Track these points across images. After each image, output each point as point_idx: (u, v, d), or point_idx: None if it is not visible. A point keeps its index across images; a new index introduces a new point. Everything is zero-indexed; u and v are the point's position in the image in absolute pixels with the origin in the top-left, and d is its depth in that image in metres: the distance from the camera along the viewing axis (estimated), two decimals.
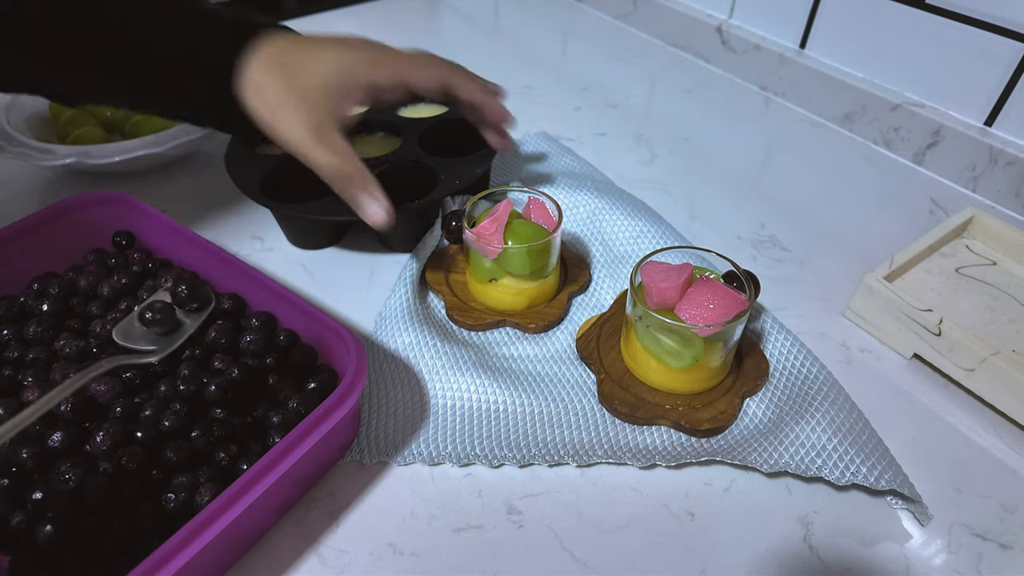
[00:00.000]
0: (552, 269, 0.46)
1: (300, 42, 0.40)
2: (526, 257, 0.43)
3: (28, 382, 0.38)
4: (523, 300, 0.46)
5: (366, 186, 0.39)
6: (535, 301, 0.46)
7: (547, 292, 0.47)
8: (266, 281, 0.41)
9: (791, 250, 0.54)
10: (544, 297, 0.47)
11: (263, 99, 0.38)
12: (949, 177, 0.62)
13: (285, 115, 0.38)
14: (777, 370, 0.43)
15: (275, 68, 0.38)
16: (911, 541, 0.36)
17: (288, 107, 0.38)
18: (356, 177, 0.39)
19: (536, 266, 0.44)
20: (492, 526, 0.36)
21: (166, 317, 0.35)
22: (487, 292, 0.46)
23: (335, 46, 0.40)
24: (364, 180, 0.39)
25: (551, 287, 0.47)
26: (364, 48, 0.41)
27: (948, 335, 0.42)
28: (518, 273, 0.44)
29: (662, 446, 0.40)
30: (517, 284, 0.45)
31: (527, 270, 0.44)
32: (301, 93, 0.38)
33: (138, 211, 0.47)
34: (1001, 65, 0.56)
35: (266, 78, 0.38)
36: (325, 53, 0.39)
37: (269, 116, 0.38)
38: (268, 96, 0.38)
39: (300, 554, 0.35)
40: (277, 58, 0.39)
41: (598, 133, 0.68)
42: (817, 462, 0.37)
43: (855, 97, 0.66)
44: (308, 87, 0.38)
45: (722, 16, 0.78)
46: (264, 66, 0.38)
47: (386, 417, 0.41)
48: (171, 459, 0.35)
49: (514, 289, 0.45)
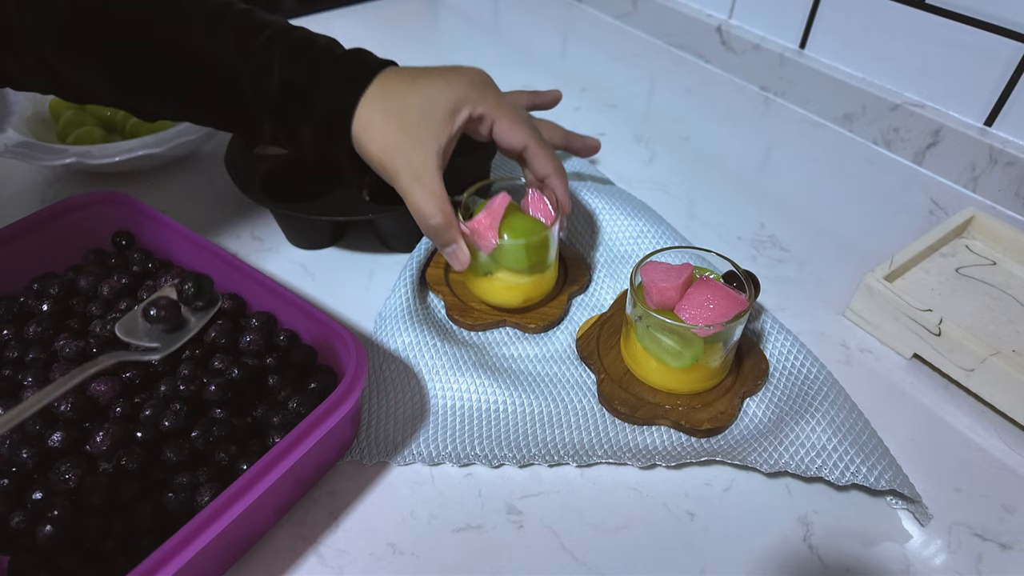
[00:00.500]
0: (550, 264, 0.45)
1: (409, 77, 0.40)
2: (522, 252, 0.42)
3: (28, 382, 0.38)
4: (519, 295, 0.45)
5: (456, 235, 0.40)
6: (531, 296, 0.45)
7: (544, 287, 0.46)
8: (266, 281, 0.41)
9: (791, 250, 0.54)
10: (541, 292, 0.46)
11: (373, 139, 0.38)
12: (949, 177, 0.62)
13: (392, 159, 0.38)
14: (777, 370, 0.43)
15: (387, 105, 0.39)
16: (911, 541, 0.36)
17: (398, 150, 0.38)
18: (451, 225, 0.40)
19: (533, 261, 0.43)
20: (492, 526, 0.36)
21: (171, 314, 0.34)
22: (483, 286, 0.45)
23: (444, 76, 0.40)
24: (455, 228, 0.40)
25: (549, 282, 0.46)
26: (473, 76, 0.41)
27: (948, 335, 0.42)
28: (514, 268, 0.43)
29: (662, 446, 0.40)
30: (513, 279, 0.44)
31: (523, 265, 0.43)
32: (410, 132, 0.38)
33: (138, 211, 0.47)
34: (1001, 65, 0.56)
35: (376, 116, 0.38)
36: (433, 85, 0.39)
37: (378, 157, 0.39)
38: (378, 137, 0.38)
39: (300, 554, 0.35)
40: (387, 96, 0.39)
41: (598, 133, 0.68)
42: (817, 462, 0.37)
43: (855, 97, 0.66)
44: (417, 124, 0.38)
45: (722, 16, 0.78)
46: (375, 104, 0.38)
47: (386, 417, 0.41)
48: (171, 459, 0.35)
49: (510, 284, 0.44)
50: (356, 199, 0.50)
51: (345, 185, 0.51)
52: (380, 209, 0.49)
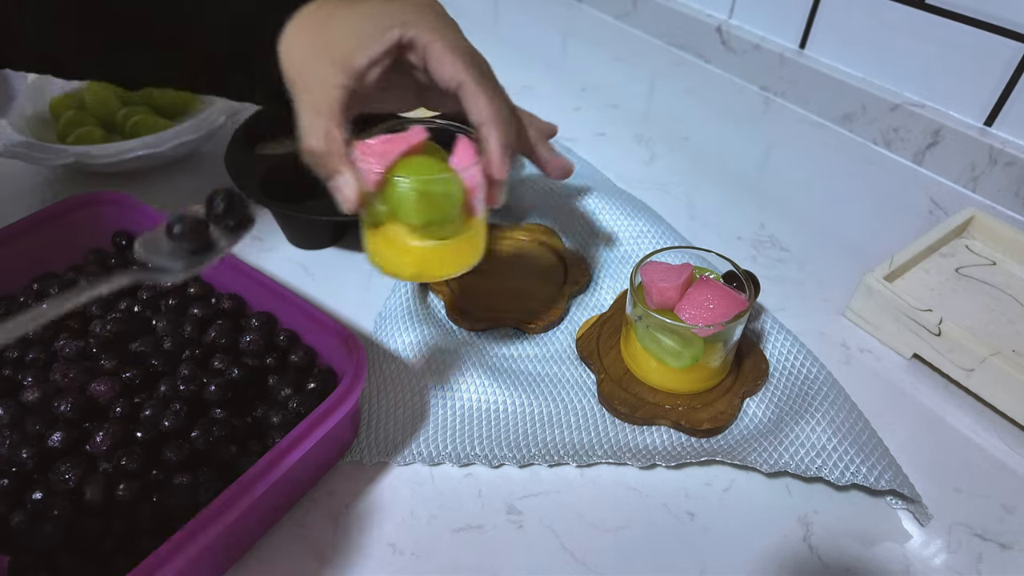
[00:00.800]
0: (461, 232, 0.34)
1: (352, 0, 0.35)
2: (413, 198, 0.32)
3: (28, 382, 0.38)
4: (411, 263, 0.34)
5: (341, 164, 0.33)
6: (425, 270, 0.35)
7: (448, 260, 0.35)
8: (266, 281, 0.41)
9: (791, 250, 0.54)
10: (442, 266, 0.35)
11: (288, 54, 0.34)
12: (949, 177, 0.62)
13: (298, 73, 0.34)
14: (777, 370, 0.43)
15: (313, 20, 0.35)
16: (911, 541, 0.36)
17: (306, 64, 0.34)
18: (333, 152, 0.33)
19: (427, 216, 0.33)
20: (492, 526, 0.36)
21: (196, 232, 0.29)
22: (371, 242, 0.35)
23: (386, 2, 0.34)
24: (339, 156, 0.33)
25: (457, 256, 0.35)
26: (420, 1, 0.35)
27: (948, 335, 0.42)
28: (407, 221, 0.33)
29: (662, 446, 0.40)
30: (404, 238, 0.34)
31: (415, 217, 0.33)
32: (326, 47, 0.33)
33: (138, 211, 0.47)
34: (1001, 65, 0.56)
35: (299, 32, 0.34)
36: (370, 5, 0.34)
37: (288, 73, 0.34)
38: (294, 51, 0.34)
39: (300, 554, 0.35)
40: (318, 12, 0.35)
41: (598, 133, 0.68)
42: (817, 462, 0.37)
43: (855, 97, 0.66)
44: (337, 40, 0.33)
45: (722, 16, 0.78)
46: (303, 20, 0.35)
47: (386, 417, 0.41)
48: (171, 459, 0.35)
49: (399, 244, 0.34)
50: None
51: None
52: None
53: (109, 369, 0.38)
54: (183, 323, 0.42)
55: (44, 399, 0.37)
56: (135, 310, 0.43)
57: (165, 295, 0.44)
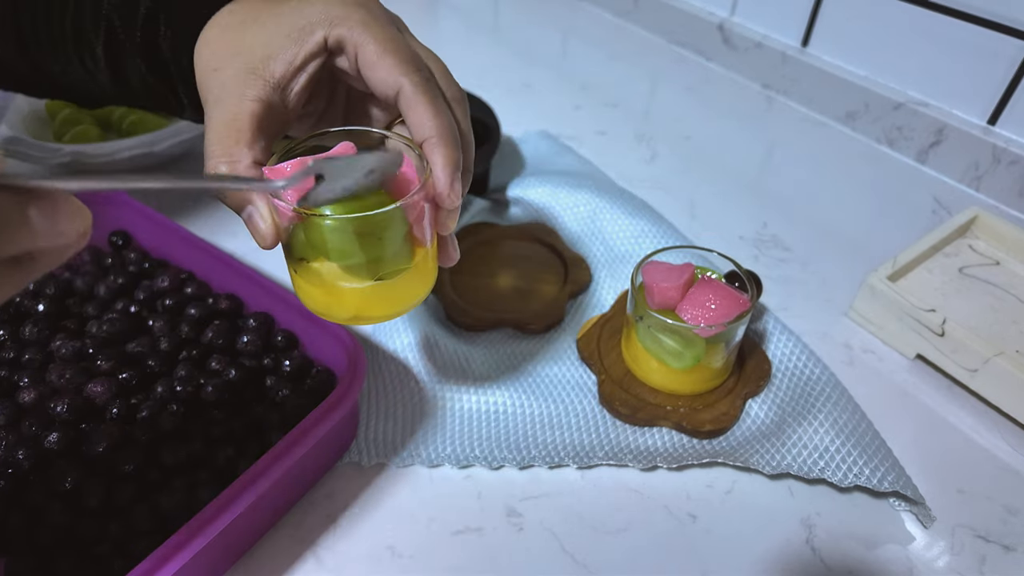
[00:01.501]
0: (401, 266, 0.28)
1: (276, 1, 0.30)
2: (340, 236, 0.26)
3: (24, 383, 0.38)
4: (346, 306, 0.29)
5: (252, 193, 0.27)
6: (366, 313, 0.29)
7: (394, 301, 0.29)
8: (264, 281, 0.41)
9: (793, 250, 0.54)
10: (387, 308, 0.29)
11: (201, 57, 0.30)
12: (952, 176, 0.61)
13: (208, 79, 0.29)
14: (779, 371, 0.42)
15: (232, 21, 0.30)
16: (914, 543, 0.36)
17: (219, 71, 0.29)
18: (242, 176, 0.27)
19: (362, 256, 0.27)
20: (492, 528, 0.36)
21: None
22: (296, 281, 0.29)
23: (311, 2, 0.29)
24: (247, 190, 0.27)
25: (402, 295, 0.29)
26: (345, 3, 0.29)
27: (951, 335, 0.42)
28: (338, 261, 0.27)
29: (663, 448, 0.39)
30: (334, 278, 0.28)
31: (345, 259, 0.27)
32: (242, 53, 0.29)
33: (134, 210, 0.47)
34: (1004, 64, 0.56)
35: (215, 33, 0.30)
36: (292, 5, 0.29)
37: (199, 78, 0.29)
38: (206, 54, 0.29)
39: (298, 556, 0.35)
40: (238, 13, 0.30)
41: (598, 132, 0.68)
42: (820, 464, 0.37)
43: (857, 96, 0.66)
44: (254, 44, 0.29)
45: (723, 14, 0.77)
46: (221, 21, 0.30)
47: (385, 418, 0.40)
48: (168, 461, 0.35)
49: (330, 285, 0.28)
50: None
51: None
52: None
53: (106, 370, 0.38)
54: (180, 323, 0.42)
55: (40, 400, 0.37)
56: (132, 311, 0.43)
57: (162, 295, 0.44)
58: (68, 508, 0.33)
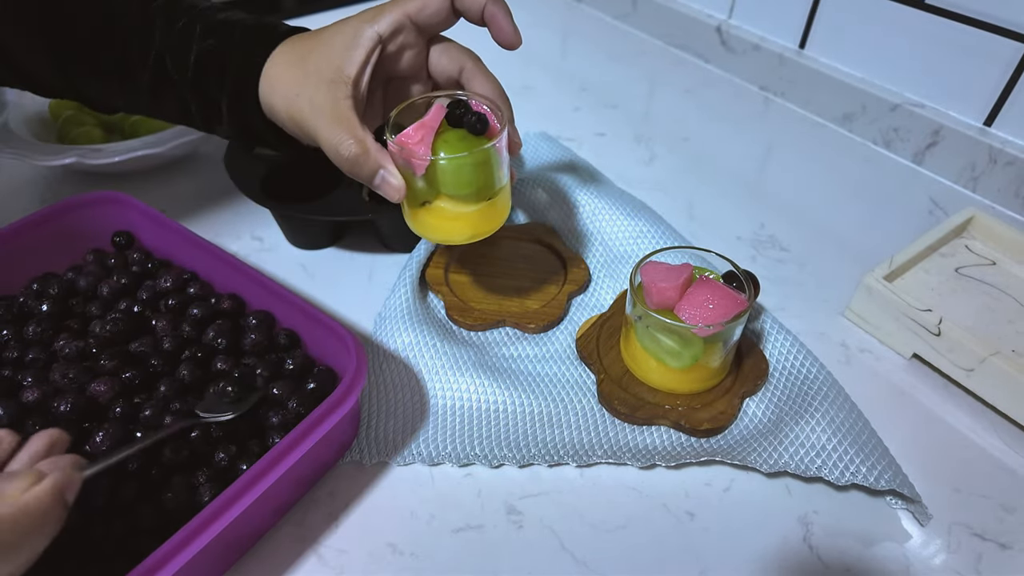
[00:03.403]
0: (498, 190, 0.38)
1: (318, 31, 0.38)
2: (462, 170, 0.35)
3: (27, 383, 0.38)
4: (465, 227, 0.38)
5: (381, 159, 0.35)
6: (480, 230, 0.38)
7: (494, 219, 0.39)
8: (265, 281, 0.41)
9: (791, 250, 0.54)
10: (491, 225, 0.39)
11: (276, 93, 0.37)
12: (949, 177, 0.62)
13: (296, 106, 0.36)
14: (777, 370, 0.42)
15: (290, 58, 0.37)
16: (911, 541, 0.36)
17: (301, 96, 0.36)
18: (369, 150, 0.35)
19: (476, 183, 0.36)
20: (492, 526, 0.36)
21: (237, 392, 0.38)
22: (421, 219, 0.38)
23: (347, 19, 0.37)
24: (376, 152, 0.35)
25: (499, 214, 0.39)
26: (373, 8, 0.37)
27: (948, 335, 0.42)
28: (454, 193, 0.36)
29: (662, 446, 0.40)
30: (454, 207, 0.37)
31: (465, 188, 0.36)
32: (311, 75, 0.36)
33: (137, 211, 0.47)
34: (1000, 65, 0.56)
35: (279, 70, 0.37)
36: (337, 26, 0.37)
37: (285, 111, 0.36)
38: (281, 89, 0.37)
39: (299, 554, 0.35)
40: (292, 51, 0.37)
41: (598, 133, 0.68)
42: (817, 462, 0.37)
43: (855, 97, 0.66)
44: (318, 66, 0.36)
45: (721, 16, 0.78)
46: (280, 60, 0.37)
47: (386, 417, 0.41)
48: (170, 460, 0.35)
49: (452, 214, 0.37)
50: (356, 199, 0.50)
51: (345, 185, 0.51)
52: (380, 209, 0.49)
53: (109, 369, 0.38)
54: (182, 323, 0.42)
55: (44, 399, 0.37)
56: (134, 310, 0.43)
57: (165, 295, 0.44)
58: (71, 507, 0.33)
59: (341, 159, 0.35)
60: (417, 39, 0.38)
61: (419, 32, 0.38)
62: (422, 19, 0.37)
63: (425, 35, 0.39)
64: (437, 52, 0.39)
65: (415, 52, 0.39)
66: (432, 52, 0.39)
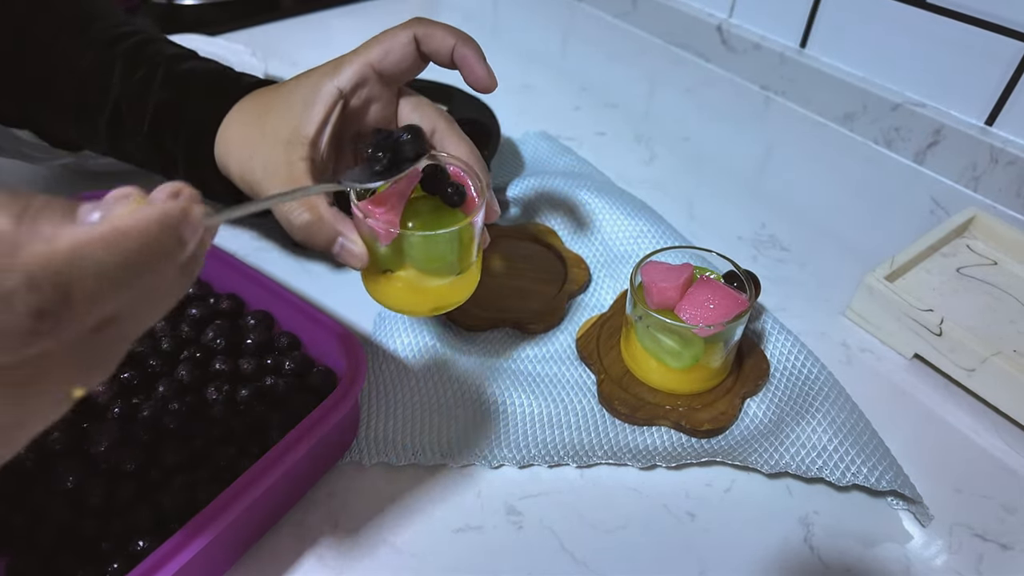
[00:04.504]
0: (470, 264, 0.35)
1: (279, 85, 0.35)
2: (432, 247, 0.33)
3: None
4: (429, 301, 0.35)
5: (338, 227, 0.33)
6: (442, 304, 0.36)
7: (459, 293, 0.36)
8: (265, 281, 0.41)
9: (791, 250, 0.54)
10: (455, 298, 0.36)
11: (231, 155, 0.35)
12: (950, 177, 0.61)
13: (250, 169, 0.34)
14: (777, 370, 0.42)
15: (247, 117, 0.35)
16: (912, 542, 0.36)
17: (254, 158, 0.34)
18: (324, 218, 0.32)
19: (446, 260, 0.34)
20: (492, 527, 0.36)
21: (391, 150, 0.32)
22: (379, 287, 0.35)
23: (314, 70, 0.35)
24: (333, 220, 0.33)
25: (466, 287, 0.36)
26: (333, 60, 0.35)
27: (949, 335, 0.42)
28: (422, 268, 0.34)
29: (662, 447, 0.39)
30: (419, 280, 0.34)
31: (432, 264, 0.33)
32: (267, 136, 0.33)
33: None
34: (1002, 64, 0.56)
35: (235, 130, 0.35)
36: (297, 81, 0.34)
37: (239, 173, 0.35)
38: (235, 151, 0.35)
39: (299, 555, 0.35)
40: (249, 110, 0.35)
41: (598, 133, 0.68)
42: (818, 463, 0.37)
43: (856, 96, 0.66)
44: (275, 126, 0.33)
45: (722, 15, 0.77)
46: (236, 118, 0.35)
47: (385, 417, 0.41)
48: (169, 460, 0.35)
49: (415, 287, 0.34)
50: None
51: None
52: None
53: None
54: (181, 323, 0.42)
55: None
56: None
57: None
58: (70, 507, 0.33)
59: (293, 228, 0.33)
60: (383, 90, 0.36)
61: (385, 83, 0.35)
62: (386, 67, 0.34)
63: (392, 85, 0.36)
64: (408, 108, 0.36)
65: (382, 104, 0.36)
66: (402, 107, 0.36)
